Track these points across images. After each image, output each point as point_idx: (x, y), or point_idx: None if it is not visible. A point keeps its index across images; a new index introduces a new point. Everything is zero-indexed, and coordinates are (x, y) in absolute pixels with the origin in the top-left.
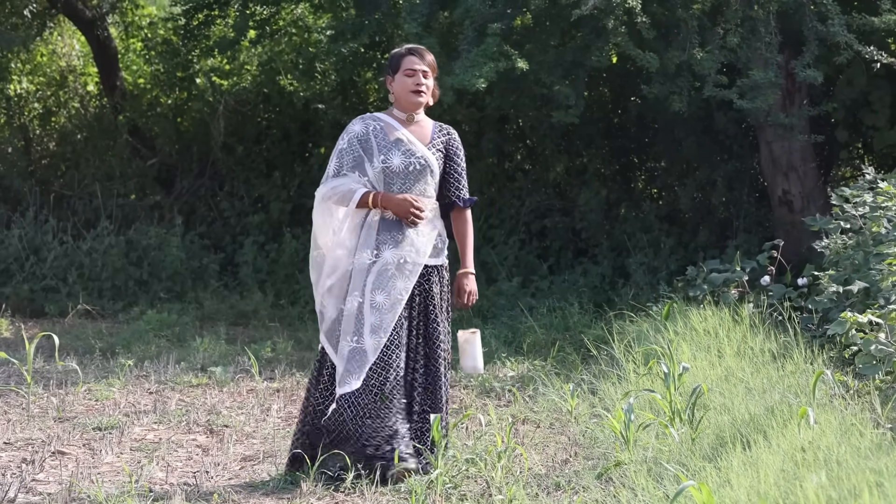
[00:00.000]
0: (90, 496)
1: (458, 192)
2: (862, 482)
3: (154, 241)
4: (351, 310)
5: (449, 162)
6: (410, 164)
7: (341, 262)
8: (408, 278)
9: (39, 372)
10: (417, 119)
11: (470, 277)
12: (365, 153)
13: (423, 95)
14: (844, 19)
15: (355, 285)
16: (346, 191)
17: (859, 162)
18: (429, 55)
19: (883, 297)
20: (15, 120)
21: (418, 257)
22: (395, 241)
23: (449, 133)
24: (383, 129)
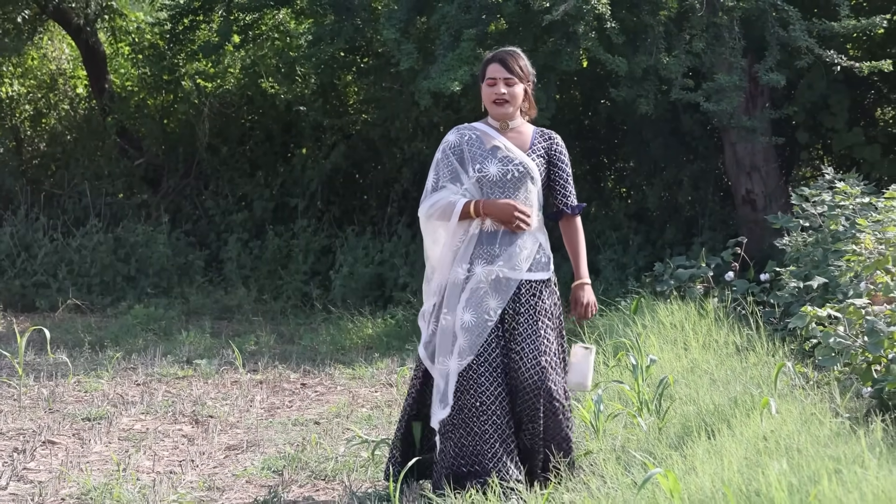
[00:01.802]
0: (80, 484)
1: (565, 200)
2: (821, 469)
3: (141, 238)
4: (446, 327)
5: (553, 168)
6: (508, 172)
7: (442, 278)
8: (502, 296)
9: (31, 364)
10: (514, 126)
11: (586, 288)
12: (460, 164)
13: (506, 105)
14: (805, 25)
15: (450, 302)
16: (446, 204)
17: (819, 163)
18: (518, 60)
19: (841, 292)
20: (6, 121)
21: (513, 273)
22: (489, 256)
23: (551, 138)
24: (479, 138)
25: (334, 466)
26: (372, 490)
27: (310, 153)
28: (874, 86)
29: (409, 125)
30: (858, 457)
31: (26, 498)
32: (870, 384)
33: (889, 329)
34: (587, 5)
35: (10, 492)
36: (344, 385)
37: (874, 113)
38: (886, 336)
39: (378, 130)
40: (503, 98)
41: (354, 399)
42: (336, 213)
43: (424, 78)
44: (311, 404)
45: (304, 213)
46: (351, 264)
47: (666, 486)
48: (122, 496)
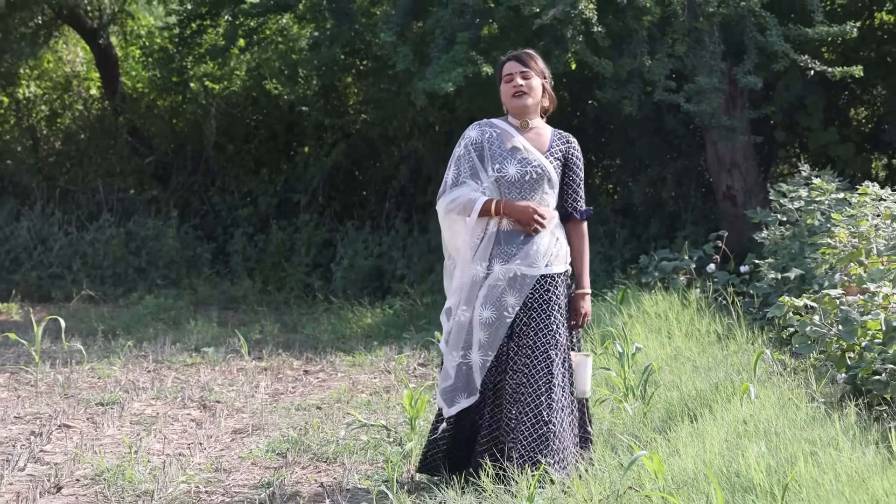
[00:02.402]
0: (94, 465)
1: (575, 204)
2: (798, 451)
3: (152, 232)
4: (462, 323)
5: (567, 171)
6: (527, 174)
7: (463, 276)
8: (519, 293)
9: (46, 352)
10: (533, 126)
11: (586, 298)
12: (480, 161)
13: (524, 96)
14: (782, 30)
15: (468, 298)
16: (467, 200)
17: (795, 160)
18: (533, 58)
19: (817, 283)
20: (24, 121)
21: (531, 270)
22: (506, 255)
23: (568, 141)
24: (500, 136)
25: (335, 449)
26: (371, 471)
27: (312, 151)
28: (848, 87)
29: (406, 124)
30: (833, 439)
31: (43, 479)
32: (844, 370)
33: (862, 318)
34: (575, 10)
35: (28, 472)
36: (344, 372)
37: (848, 113)
38: (860, 325)
39: (376, 129)
40: (521, 90)
41: (354, 385)
42: (337, 208)
43: (420, 79)
44: (313, 390)
45: (306, 209)
46: (351, 257)
47: (651, 468)
48: (133, 477)
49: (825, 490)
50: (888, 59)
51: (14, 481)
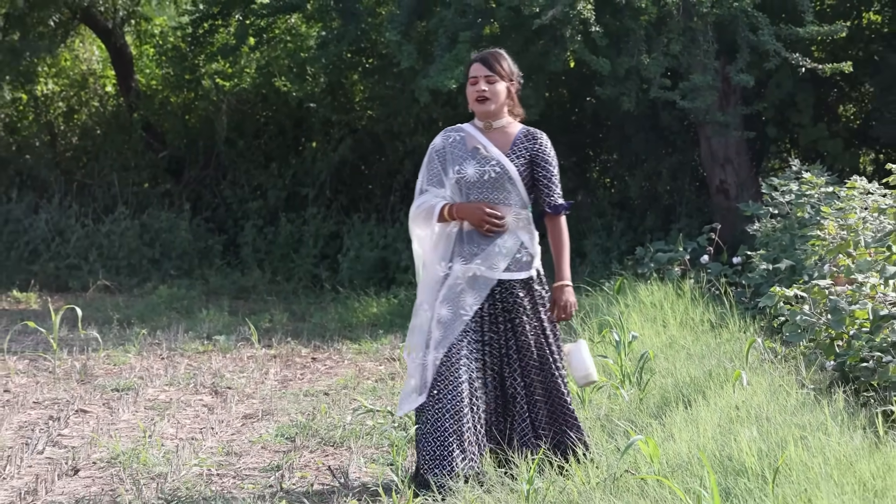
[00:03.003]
0: (109, 449)
1: (548, 199)
2: (788, 436)
3: (165, 224)
4: (422, 323)
5: (536, 168)
6: (485, 173)
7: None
8: (478, 293)
9: (64, 340)
10: (498, 126)
11: (566, 290)
12: (443, 166)
13: (487, 102)
14: (773, 30)
15: (428, 297)
16: (428, 207)
17: (787, 155)
18: (500, 60)
19: (807, 274)
20: (42, 117)
21: (490, 272)
22: (468, 255)
23: (536, 138)
24: (463, 140)
25: (342, 433)
26: (376, 455)
27: (319, 146)
28: (837, 84)
29: (411, 120)
30: (822, 424)
31: (61, 462)
32: (833, 358)
33: (850, 308)
34: (574, 10)
35: (47, 456)
36: (351, 359)
37: (837, 110)
38: (848, 314)
39: (382, 125)
40: (484, 95)
41: (360, 372)
42: (343, 201)
43: (424, 77)
44: (320, 377)
45: (314, 202)
46: (357, 248)
47: (646, 452)
48: (148, 460)
49: (814, 473)
50: (875, 57)
51: (33, 464)
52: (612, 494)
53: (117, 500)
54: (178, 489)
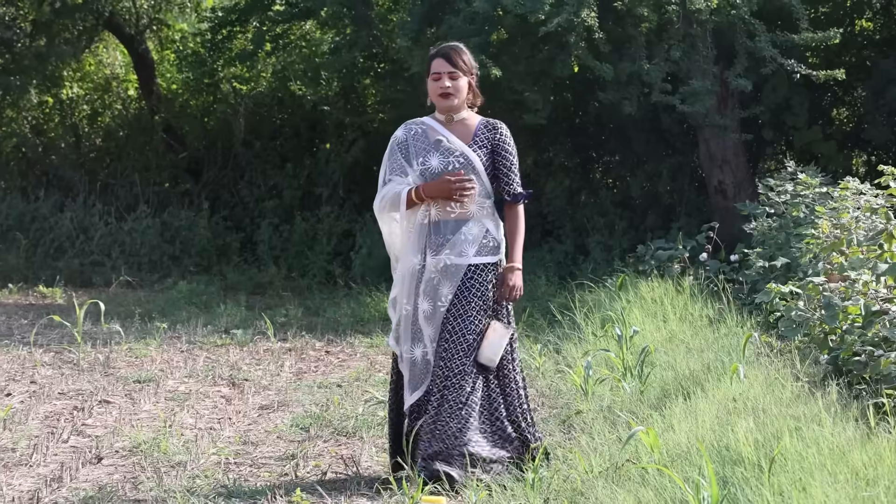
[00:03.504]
0: (131, 438)
1: (507, 188)
2: (783, 427)
3: (185, 222)
4: (406, 317)
5: (497, 157)
6: (449, 164)
7: (402, 267)
8: (452, 282)
9: (88, 333)
10: (459, 118)
11: (515, 273)
12: (405, 158)
13: (450, 97)
14: (769, 37)
15: (407, 291)
16: (394, 195)
17: (782, 157)
18: (461, 54)
19: (802, 271)
20: (67, 119)
21: (460, 259)
22: (436, 246)
23: (496, 128)
24: (424, 132)
25: (354, 424)
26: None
27: (333, 148)
28: (831, 89)
29: None
30: (816, 416)
31: (84, 450)
32: (826, 352)
33: (843, 304)
34: (578, 18)
35: (71, 444)
36: (363, 352)
37: (831, 113)
38: (841, 310)
39: (393, 127)
40: (447, 91)
41: (372, 365)
42: (356, 200)
43: None
44: (333, 369)
45: (327, 201)
46: (369, 246)
47: (647, 442)
48: (168, 449)
49: (809, 463)
50: (867, 63)
51: (58, 452)
52: (614, 483)
53: (139, 488)
54: (198, 477)
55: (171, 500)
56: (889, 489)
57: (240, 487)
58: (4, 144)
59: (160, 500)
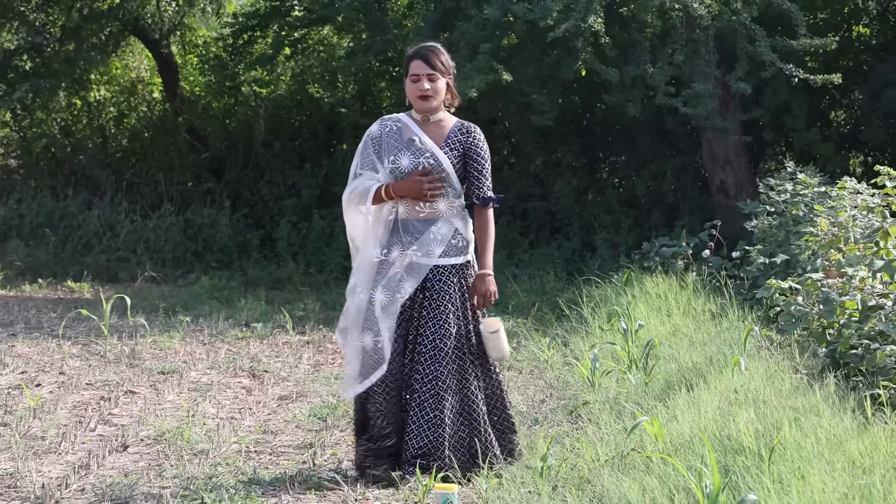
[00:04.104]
0: (156, 427)
1: (478, 191)
2: (783, 417)
3: (207, 220)
4: (360, 305)
5: (468, 161)
6: (419, 165)
7: (361, 259)
8: (415, 279)
9: (114, 326)
10: (435, 119)
11: (487, 279)
12: (377, 155)
13: (430, 99)
14: (769, 42)
15: (363, 281)
16: (362, 189)
17: (782, 157)
18: (439, 56)
19: (801, 268)
20: (94, 121)
21: (426, 258)
22: (404, 243)
23: (470, 132)
24: (399, 130)
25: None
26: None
27: (349, 148)
28: (829, 92)
29: None
30: (814, 407)
31: (111, 438)
32: (824, 345)
33: (841, 299)
34: (585, 24)
35: (98, 433)
36: None
37: (829, 115)
38: (838, 305)
39: None
40: (427, 94)
41: None
42: None
43: None
44: None
45: None
46: None
47: (652, 432)
48: (191, 438)
49: (807, 452)
50: (864, 67)
51: (86, 440)
52: (620, 471)
53: (163, 475)
54: (219, 464)
55: (193, 487)
56: (885, 477)
57: (260, 475)
58: (35, 145)
59: (183, 486)
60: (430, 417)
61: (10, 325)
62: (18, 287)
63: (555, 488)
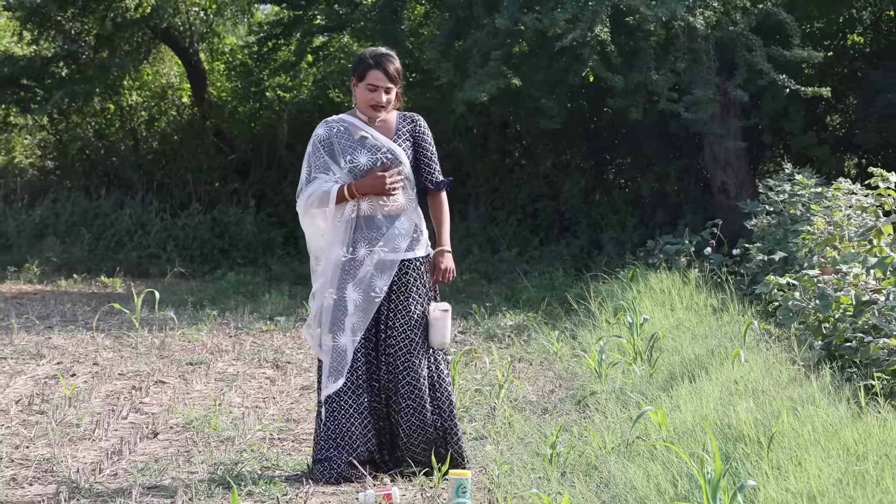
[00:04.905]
0: (184, 415)
1: (430, 176)
2: (781, 407)
3: (233, 218)
4: (327, 306)
5: (418, 149)
6: (377, 161)
7: (327, 260)
8: (387, 275)
9: (145, 320)
10: (381, 119)
11: (446, 255)
12: (330, 156)
13: (382, 111)
14: (766, 51)
15: (333, 280)
16: (322, 193)
17: (780, 160)
18: (394, 63)
19: (798, 265)
20: (127, 125)
21: (394, 254)
22: (370, 240)
23: (414, 120)
24: (347, 130)
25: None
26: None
27: None
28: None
29: (449, 128)
30: (811, 397)
31: (142, 426)
32: (820, 339)
33: (836, 294)
34: (591, 33)
35: (130, 421)
36: None
37: (825, 120)
38: (834, 300)
39: None
40: (382, 105)
41: None
42: None
43: (460, 90)
44: None
45: None
46: None
47: (656, 421)
48: (218, 425)
49: (804, 439)
50: (858, 73)
51: (118, 428)
52: (626, 458)
53: (191, 460)
54: (244, 451)
55: (220, 472)
56: (877, 463)
57: (283, 461)
58: (70, 147)
59: (210, 471)
60: (417, 406)
61: (47, 319)
62: (55, 282)
63: (563, 474)
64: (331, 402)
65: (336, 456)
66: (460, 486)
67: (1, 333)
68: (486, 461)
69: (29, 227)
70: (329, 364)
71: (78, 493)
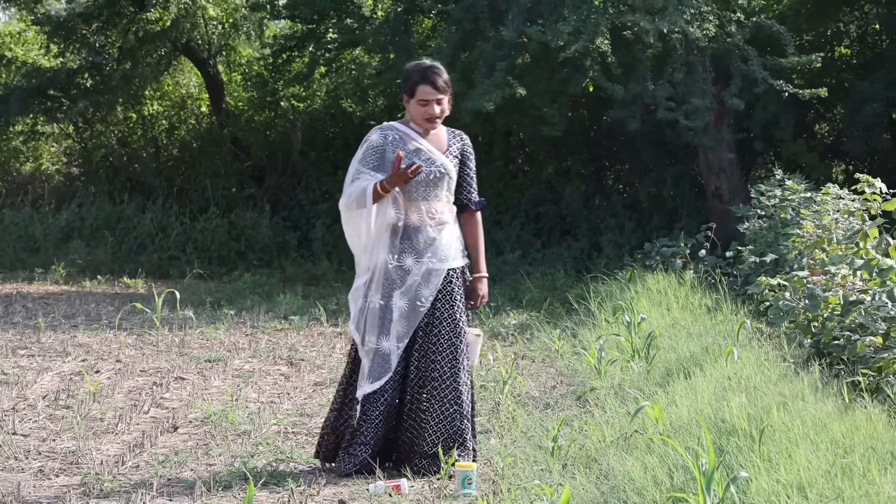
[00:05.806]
0: (203, 410)
1: (469, 196)
2: (772, 402)
3: (249, 222)
4: (374, 308)
5: (463, 167)
6: (431, 173)
7: (370, 261)
8: (433, 285)
9: (165, 319)
10: (433, 130)
11: (483, 282)
12: (381, 162)
13: (437, 122)
14: (761, 61)
15: (378, 285)
16: (360, 191)
17: (771, 166)
18: (442, 76)
19: (788, 266)
20: (148, 133)
21: (441, 263)
22: (416, 251)
23: (462, 139)
24: (402, 139)
25: None
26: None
27: None
28: (814, 107)
29: None
30: (801, 393)
31: (163, 420)
32: (810, 337)
33: (824, 294)
34: (593, 45)
35: (151, 415)
36: None
37: (814, 128)
38: (822, 300)
39: None
40: (437, 117)
41: None
42: None
43: (467, 100)
44: None
45: None
46: None
47: (653, 415)
48: (235, 420)
49: (794, 433)
50: (845, 84)
51: (140, 422)
52: (624, 451)
53: (209, 453)
54: (260, 444)
55: (237, 464)
56: (864, 456)
57: (297, 453)
58: (94, 154)
59: (228, 464)
60: (451, 412)
61: (73, 318)
62: (80, 283)
63: (564, 466)
64: (367, 401)
65: (362, 452)
66: (466, 478)
67: (29, 332)
68: (491, 454)
69: (55, 231)
70: (369, 365)
71: (102, 484)
